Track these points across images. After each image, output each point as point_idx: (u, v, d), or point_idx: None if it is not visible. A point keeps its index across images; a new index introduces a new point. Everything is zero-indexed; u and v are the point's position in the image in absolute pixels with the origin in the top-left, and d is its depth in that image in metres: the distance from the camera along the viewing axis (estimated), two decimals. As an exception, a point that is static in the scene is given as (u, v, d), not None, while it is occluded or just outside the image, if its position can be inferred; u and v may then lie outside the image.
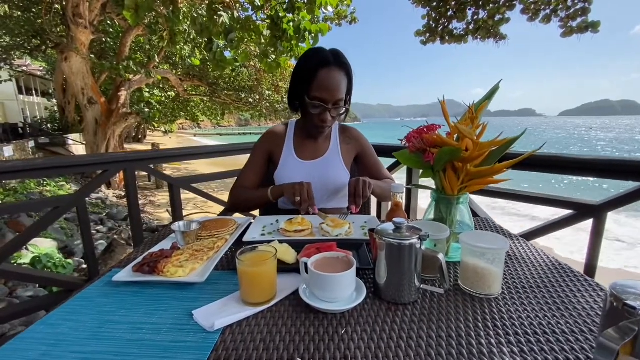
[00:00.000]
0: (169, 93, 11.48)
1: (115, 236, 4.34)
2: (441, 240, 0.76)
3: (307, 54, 1.16)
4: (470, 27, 7.19)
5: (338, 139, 1.34)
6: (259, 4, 4.80)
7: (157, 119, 10.68)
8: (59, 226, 4.57)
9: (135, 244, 1.93)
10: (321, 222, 1.05)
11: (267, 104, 11.60)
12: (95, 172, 1.79)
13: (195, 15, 4.76)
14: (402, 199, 0.86)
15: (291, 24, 4.70)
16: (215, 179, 2.19)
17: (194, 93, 11.83)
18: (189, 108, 13.26)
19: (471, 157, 0.81)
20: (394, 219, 0.68)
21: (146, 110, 8.92)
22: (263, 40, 5.03)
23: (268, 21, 4.81)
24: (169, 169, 13.45)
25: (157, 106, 10.06)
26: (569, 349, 0.53)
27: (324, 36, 4.74)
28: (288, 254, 0.82)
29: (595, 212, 1.45)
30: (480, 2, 6.87)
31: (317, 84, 1.10)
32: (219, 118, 14.35)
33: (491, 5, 6.77)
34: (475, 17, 7.05)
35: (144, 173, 10.58)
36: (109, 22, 9.12)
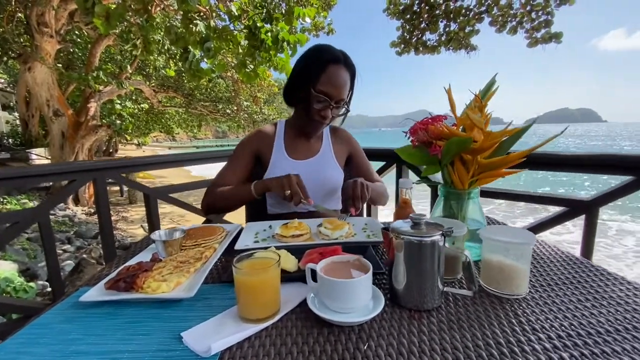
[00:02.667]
0: (142, 105, 11.10)
1: (85, 255, 4.02)
2: (460, 237, 0.69)
3: (317, 49, 1.12)
4: (443, 39, 7.44)
5: (330, 139, 1.28)
6: (236, 14, 4.73)
7: (129, 131, 10.26)
8: (21, 247, 4.19)
9: (107, 258, 1.76)
10: (318, 225, 0.97)
11: (246, 115, 11.45)
12: (61, 183, 1.63)
13: (170, 24, 4.63)
14: (410, 195, 0.79)
15: (269, 34, 4.65)
16: (196, 187, 2.06)
17: (168, 104, 11.50)
18: (163, 120, 12.86)
19: (482, 148, 0.76)
20: (411, 215, 0.60)
21: (118, 122, 8.55)
22: (241, 50, 4.95)
23: (245, 31, 4.74)
24: (142, 182, 12.92)
25: (129, 118, 9.68)
26: (621, 350, 0.47)
27: (302, 47, 4.72)
28: (288, 261, 0.73)
29: (587, 208, 1.45)
30: (451, 15, 7.13)
31: (326, 78, 1.06)
32: (195, 130, 14.01)
33: (461, 18, 7.04)
34: (447, 29, 7.31)
35: (116, 188, 10.07)
36: (76, 32, 8.76)
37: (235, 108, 11.20)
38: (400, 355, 0.47)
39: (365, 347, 0.49)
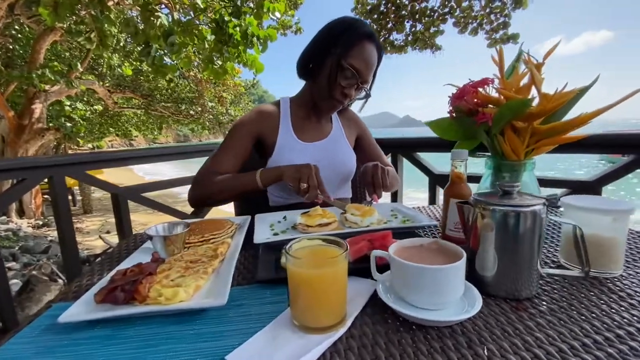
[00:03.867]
0: (94, 107, 10.23)
1: (34, 272, 3.53)
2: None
3: (351, 20, 0.98)
4: (409, 39, 7.62)
5: (338, 119, 1.15)
6: (202, 7, 4.45)
7: (82, 135, 9.40)
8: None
9: (70, 273, 1.48)
10: (342, 212, 0.83)
11: (211, 116, 10.97)
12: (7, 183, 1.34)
13: (129, 17, 4.26)
14: (465, 169, 0.68)
15: (237, 28, 4.43)
16: (173, 185, 1.83)
17: (125, 106, 10.72)
18: (120, 122, 11.98)
19: (543, 112, 0.67)
20: (501, 182, 0.49)
21: (68, 125, 7.79)
22: (207, 46, 4.68)
23: (212, 25, 4.48)
24: (98, 192, 11.94)
25: (80, 121, 8.87)
26: None
27: (272, 42, 4.56)
28: (331, 252, 0.58)
29: (591, 189, 1.45)
30: (417, 16, 7.32)
31: (358, 52, 0.93)
32: (155, 132, 13.19)
33: (426, 19, 7.26)
34: (413, 29, 7.49)
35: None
36: (17, 27, 7.87)
37: (200, 109, 10.70)
38: (536, 359, 0.35)
39: (486, 352, 0.36)
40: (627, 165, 1.36)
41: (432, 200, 1.80)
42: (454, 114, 0.79)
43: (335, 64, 0.94)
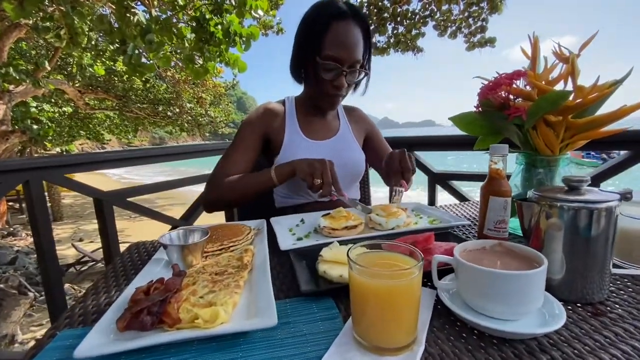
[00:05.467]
0: (63, 109, 9.68)
1: (1, 285, 3.26)
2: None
3: (316, 5, 0.91)
4: (392, 41, 7.71)
5: (346, 118, 1.10)
6: (181, 4, 4.30)
7: (50, 138, 8.87)
8: None
9: (48, 285, 1.35)
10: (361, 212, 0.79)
11: (189, 118, 10.67)
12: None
13: (102, 13, 4.04)
14: (504, 165, 0.64)
15: (219, 26, 4.31)
16: (162, 189, 1.72)
17: (98, 107, 10.23)
18: (91, 125, 11.40)
19: (581, 105, 0.64)
20: (565, 176, 0.45)
21: (35, 127, 7.34)
22: (187, 44, 4.52)
23: (193, 23, 4.34)
24: (68, 197, 11.35)
25: (49, 123, 8.36)
26: None
27: (255, 41, 4.47)
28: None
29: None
30: (398, 18, 7.42)
31: (331, 39, 0.86)
32: (130, 136, 12.64)
33: (408, 21, 7.37)
34: (395, 31, 7.58)
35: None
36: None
37: (178, 110, 10.38)
38: (650, 374, 0.31)
39: (591, 370, 0.32)
40: (622, 162, 1.39)
41: (432, 199, 1.78)
42: (480, 108, 0.76)
43: (312, 62, 0.89)
